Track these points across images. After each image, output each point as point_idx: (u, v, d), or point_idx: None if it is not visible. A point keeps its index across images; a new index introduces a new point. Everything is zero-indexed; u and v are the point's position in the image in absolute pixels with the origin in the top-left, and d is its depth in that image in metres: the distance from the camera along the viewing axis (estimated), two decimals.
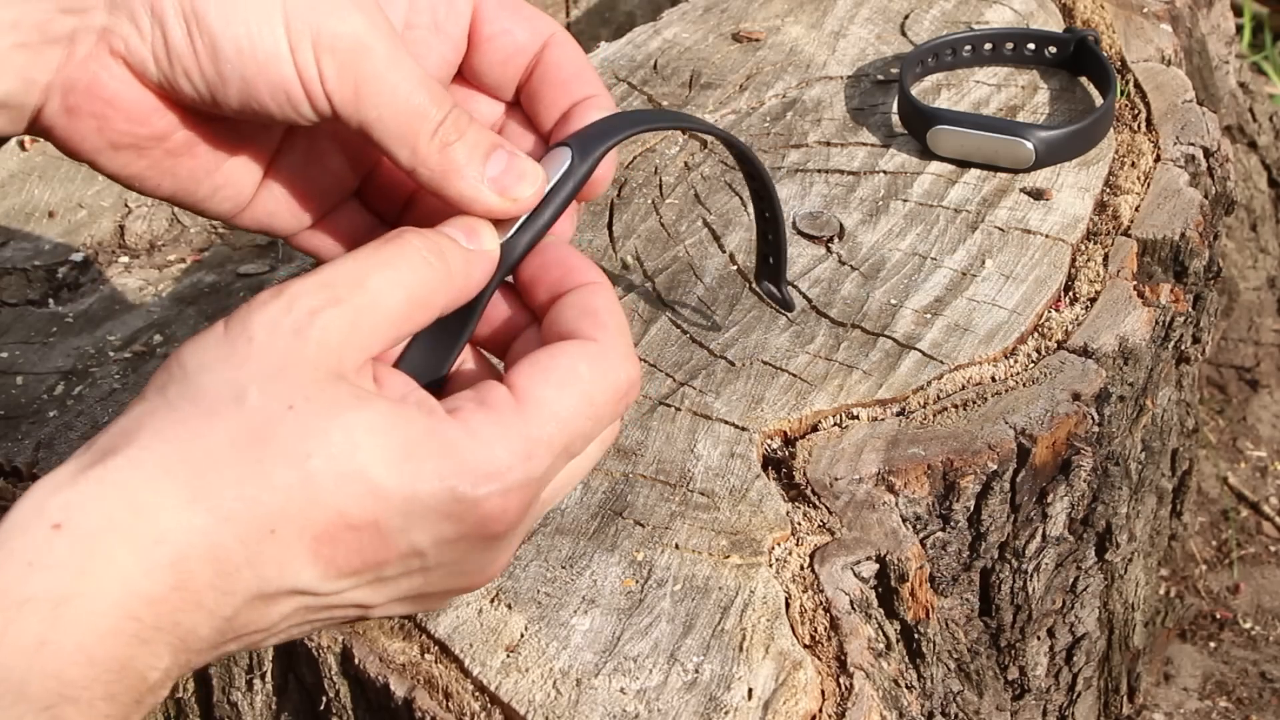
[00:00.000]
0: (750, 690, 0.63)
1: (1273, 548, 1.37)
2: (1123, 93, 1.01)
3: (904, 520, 0.72)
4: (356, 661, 0.66)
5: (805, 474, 0.73)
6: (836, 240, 0.89)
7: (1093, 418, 0.78)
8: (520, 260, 0.62)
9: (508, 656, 0.64)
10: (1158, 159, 0.95)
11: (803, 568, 0.69)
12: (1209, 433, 1.45)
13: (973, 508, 0.75)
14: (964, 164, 0.94)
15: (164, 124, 0.63)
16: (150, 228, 1.05)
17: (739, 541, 0.70)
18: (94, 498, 0.49)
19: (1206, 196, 0.95)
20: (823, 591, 0.68)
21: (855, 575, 0.69)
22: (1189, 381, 1.07)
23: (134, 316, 0.93)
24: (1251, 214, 1.48)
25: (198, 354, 0.53)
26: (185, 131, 0.63)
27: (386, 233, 0.62)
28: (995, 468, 0.74)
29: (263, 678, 0.71)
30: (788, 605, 0.67)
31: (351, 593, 0.53)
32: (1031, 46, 1.03)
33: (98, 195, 1.08)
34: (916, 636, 0.73)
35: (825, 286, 0.85)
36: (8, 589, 0.47)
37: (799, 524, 0.71)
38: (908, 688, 0.71)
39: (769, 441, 0.76)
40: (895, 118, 0.99)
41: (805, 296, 0.85)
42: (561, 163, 0.63)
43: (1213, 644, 1.27)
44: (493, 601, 0.67)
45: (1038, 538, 0.79)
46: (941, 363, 0.79)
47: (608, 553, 0.69)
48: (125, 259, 1.02)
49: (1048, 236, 0.88)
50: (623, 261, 0.88)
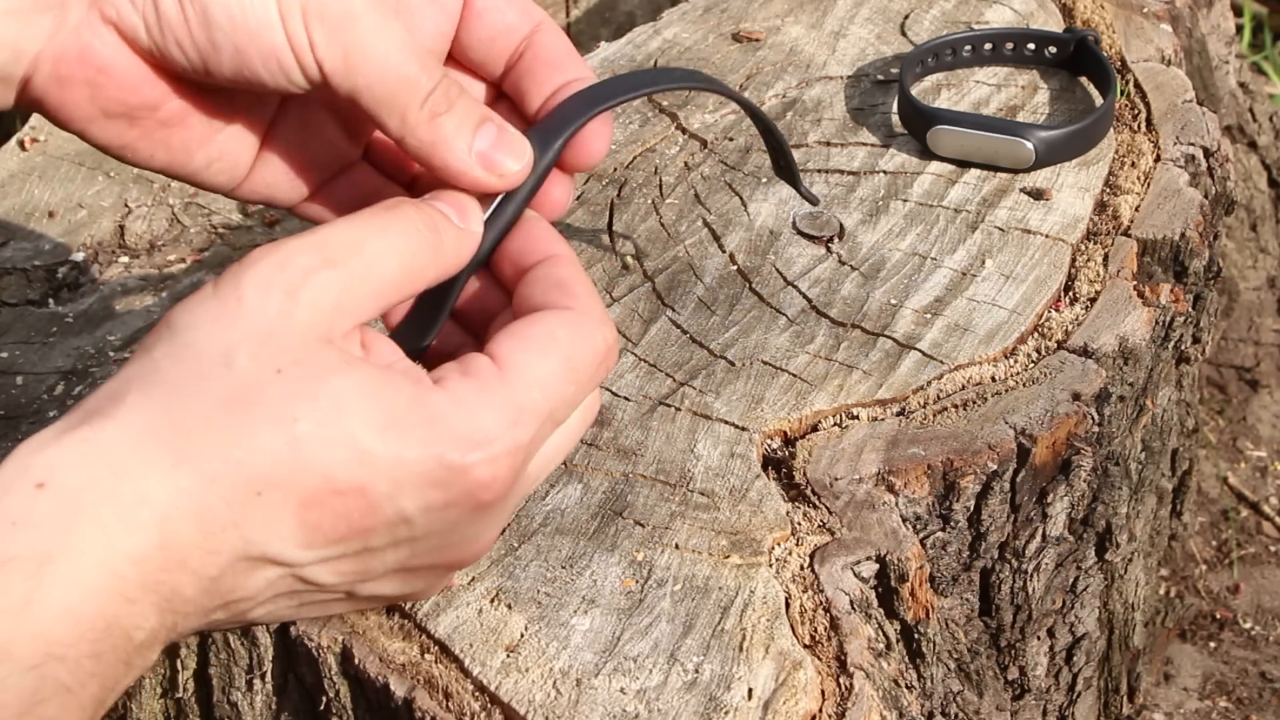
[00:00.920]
0: (750, 690, 0.63)
1: (1273, 548, 1.37)
2: (1123, 93, 1.01)
3: (904, 520, 0.72)
4: (356, 661, 0.66)
5: (805, 474, 0.73)
6: (836, 240, 0.89)
7: (1093, 418, 0.78)
8: (501, 238, 0.62)
9: (508, 656, 0.64)
10: (1158, 159, 0.95)
11: (803, 568, 0.69)
12: (1209, 433, 1.45)
13: (973, 508, 0.75)
14: (964, 164, 0.94)
15: (156, 93, 0.62)
16: (150, 228, 1.05)
17: (739, 541, 0.70)
18: (78, 456, 0.49)
19: (1206, 196, 0.95)
20: (823, 591, 0.68)
21: (855, 575, 0.69)
22: (1189, 381, 1.07)
23: (134, 316, 0.93)
24: (1251, 214, 1.48)
25: (187, 313, 0.53)
26: (178, 101, 0.63)
27: (391, 192, 0.63)
28: (995, 468, 0.74)
29: (263, 678, 0.71)
30: (788, 605, 0.67)
31: (337, 563, 0.53)
32: (1031, 46, 1.03)
33: (98, 195, 1.08)
34: (916, 636, 0.73)
35: (825, 286, 0.85)
36: None
37: (799, 524, 0.71)
38: (908, 688, 0.71)
39: (769, 441, 0.76)
40: (895, 118, 0.99)
41: (805, 296, 0.85)
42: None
43: (1213, 644, 1.27)
44: (493, 601, 0.67)
45: (1038, 538, 0.79)
46: (941, 363, 0.79)
47: (608, 553, 0.69)
48: (125, 259, 1.02)
49: (1048, 236, 0.88)
50: (623, 261, 0.88)
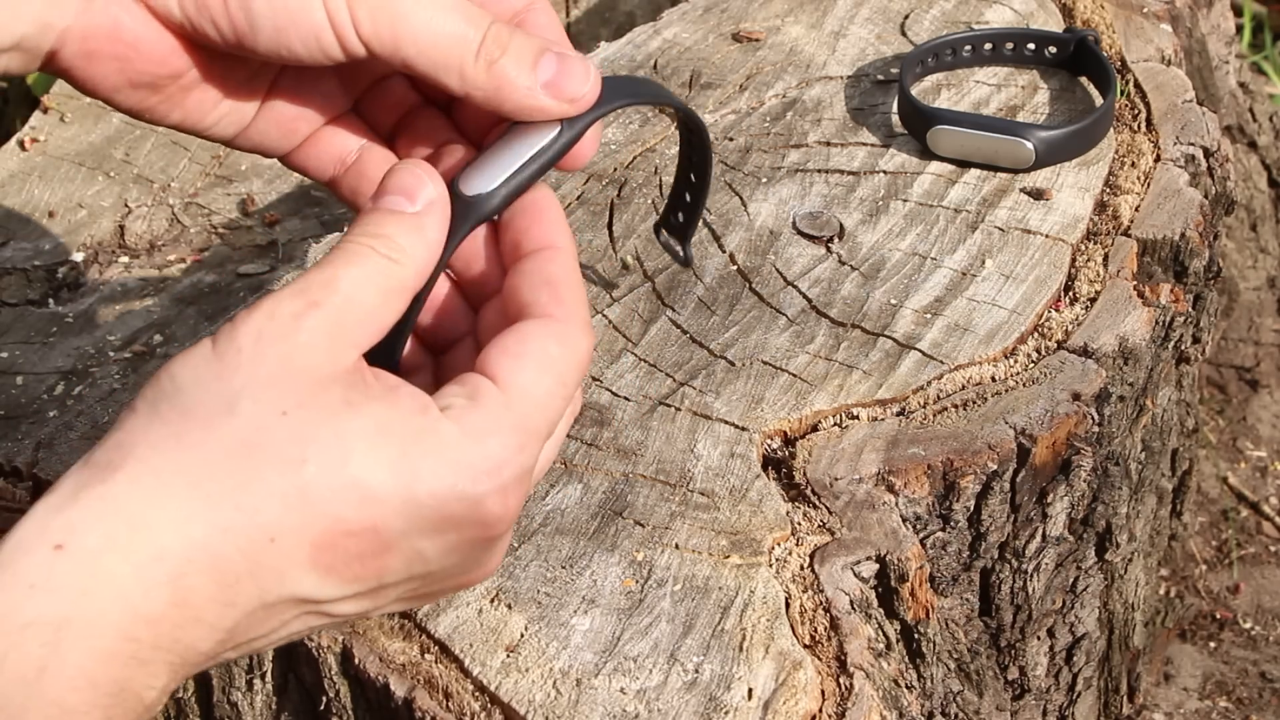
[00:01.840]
0: (750, 690, 0.63)
1: (1273, 548, 1.37)
2: (1123, 93, 1.01)
3: (904, 520, 0.72)
4: (356, 661, 0.66)
5: (805, 474, 0.73)
6: (836, 240, 0.89)
7: (1093, 418, 0.78)
8: (499, 210, 0.61)
9: (508, 656, 0.64)
10: (1158, 159, 0.95)
11: (803, 568, 0.69)
12: (1209, 433, 1.45)
13: (973, 508, 0.75)
14: (964, 164, 0.94)
15: (182, 63, 0.63)
16: (150, 228, 1.05)
17: (739, 541, 0.70)
18: (94, 516, 0.49)
19: (1206, 196, 0.95)
20: (823, 591, 0.68)
21: (855, 575, 0.69)
22: (1189, 381, 1.07)
23: (134, 316, 0.93)
24: (1251, 214, 1.48)
25: (188, 368, 0.53)
26: (200, 68, 0.64)
27: (378, 148, 0.65)
28: (995, 468, 0.74)
29: (263, 678, 0.71)
30: (788, 605, 0.67)
31: (353, 600, 0.53)
32: (1031, 46, 1.03)
33: (98, 195, 1.08)
34: (916, 636, 0.73)
35: (825, 286, 0.85)
36: (9, 612, 0.47)
37: (799, 524, 0.71)
38: (908, 688, 0.71)
39: (769, 441, 0.76)
40: (895, 118, 0.99)
41: (805, 296, 0.85)
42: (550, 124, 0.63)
43: (1213, 644, 1.27)
44: (493, 601, 0.67)
45: (1038, 538, 0.79)
46: (941, 363, 0.79)
47: (608, 553, 0.69)
48: (125, 259, 1.02)
49: (1048, 236, 0.88)
50: (623, 261, 0.88)
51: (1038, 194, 0.91)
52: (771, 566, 0.69)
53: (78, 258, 1.02)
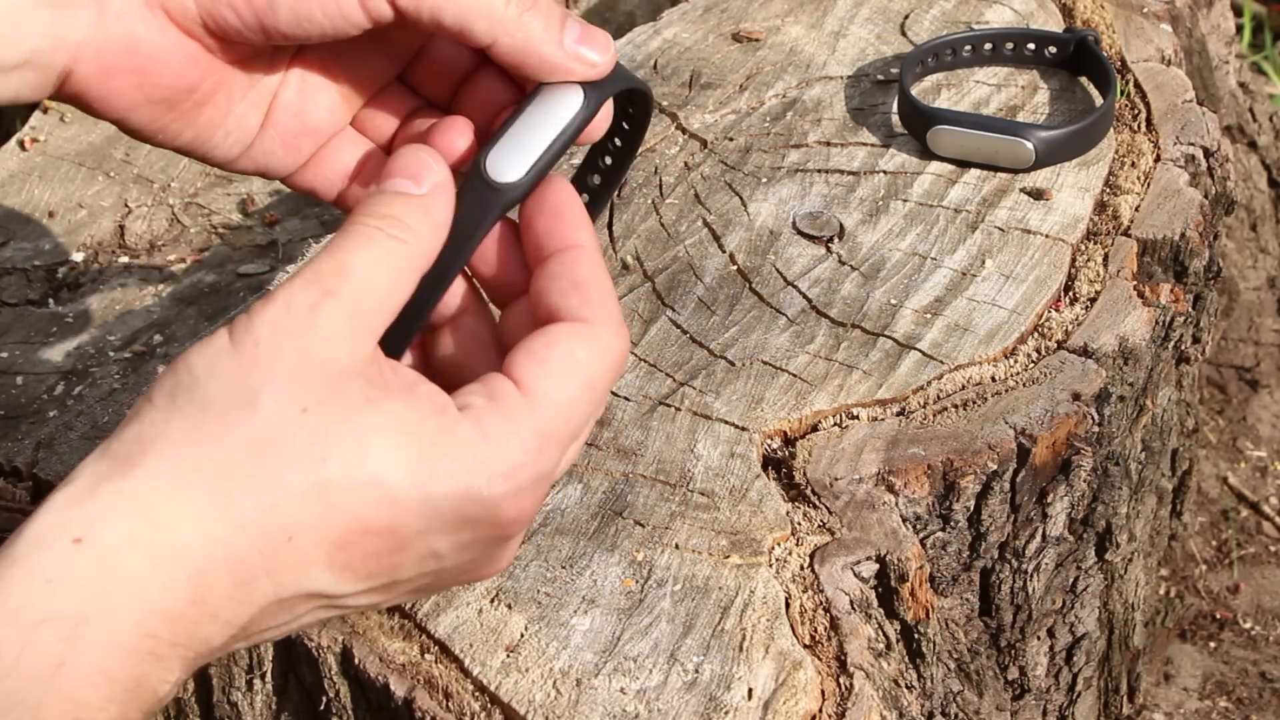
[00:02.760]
0: (750, 690, 0.63)
1: (1273, 548, 1.37)
2: (1123, 93, 1.01)
3: (904, 520, 0.72)
4: (356, 661, 0.66)
5: (805, 474, 0.73)
6: (836, 240, 0.89)
7: (1093, 418, 0.78)
8: (528, 193, 0.61)
9: (508, 656, 0.64)
10: (1158, 159, 0.95)
11: (803, 568, 0.69)
12: (1209, 433, 1.45)
13: (973, 508, 0.75)
14: (964, 164, 0.94)
15: (197, 74, 0.63)
16: (150, 228, 1.05)
17: (739, 541, 0.70)
18: (114, 511, 0.49)
19: (1206, 196, 0.95)
20: (823, 591, 0.68)
21: (855, 575, 0.69)
22: (1189, 381, 1.07)
23: (134, 316, 0.93)
24: (1251, 214, 1.48)
25: (205, 361, 0.53)
26: (213, 79, 0.64)
27: (378, 158, 0.64)
28: (995, 468, 0.74)
29: (263, 678, 0.71)
30: (788, 605, 0.67)
31: (366, 595, 0.54)
32: (1031, 46, 1.03)
33: (98, 195, 1.08)
34: (916, 636, 0.73)
35: (825, 286, 0.85)
36: (27, 607, 0.47)
37: (799, 524, 0.71)
38: (908, 688, 0.71)
39: (769, 441, 0.76)
40: (895, 118, 0.99)
41: (805, 296, 0.85)
42: (572, 101, 0.63)
43: (1213, 644, 1.27)
44: (493, 601, 0.67)
45: (1038, 538, 0.79)
46: (941, 363, 0.79)
47: (608, 553, 0.69)
48: (125, 259, 1.02)
49: (1048, 236, 0.88)
50: (623, 261, 0.88)
51: (1038, 194, 0.91)
52: (771, 566, 0.69)
53: (78, 258, 1.02)
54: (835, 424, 0.76)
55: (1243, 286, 1.49)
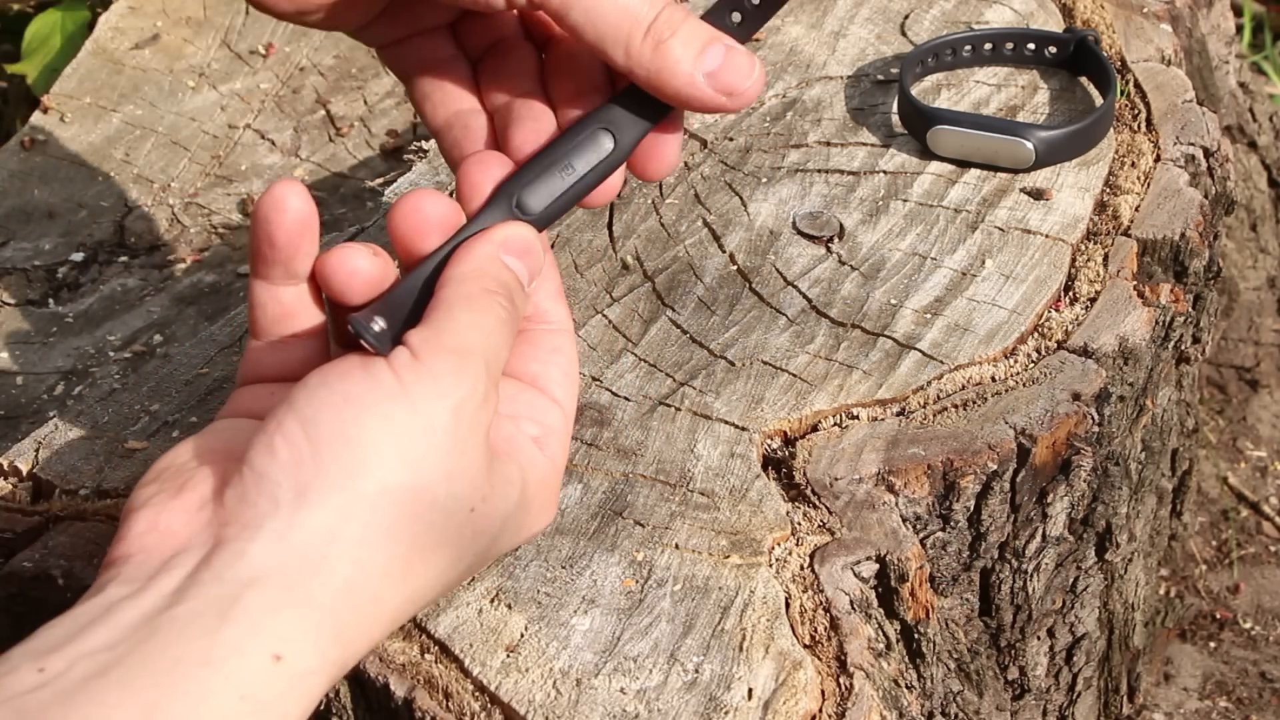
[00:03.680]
0: (750, 690, 0.63)
1: (1273, 548, 1.37)
2: (1123, 93, 1.01)
3: (904, 520, 0.72)
4: (356, 661, 0.66)
5: (805, 474, 0.73)
6: (836, 240, 0.89)
7: (1093, 418, 0.78)
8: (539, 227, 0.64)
9: (508, 656, 0.64)
10: (1158, 159, 0.95)
11: (803, 568, 0.69)
12: (1209, 433, 1.45)
13: (973, 508, 0.75)
14: (964, 164, 0.94)
15: None
16: (150, 228, 1.05)
17: (739, 541, 0.70)
18: (310, 631, 0.49)
19: (1206, 196, 0.95)
20: (823, 591, 0.68)
21: (855, 575, 0.69)
22: (1189, 381, 1.07)
23: (134, 316, 0.93)
24: (1251, 214, 1.48)
25: (407, 465, 0.54)
26: None
27: (461, 71, 0.67)
28: (995, 468, 0.74)
29: None
30: (788, 605, 0.67)
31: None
32: (1031, 46, 1.03)
33: (98, 195, 1.08)
34: (916, 636, 0.73)
35: (825, 286, 0.85)
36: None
37: (799, 524, 0.71)
38: (908, 688, 0.71)
39: (769, 441, 0.76)
40: (895, 118, 0.99)
41: (805, 296, 0.85)
42: (604, 145, 0.64)
43: (1213, 644, 1.27)
44: (493, 601, 0.67)
45: (1038, 538, 0.79)
46: (941, 363, 0.79)
47: (608, 553, 0.69)
48: (125, 259, 1.02)
49: (1048, 236, 0.88)
50: (623, 261, 0.88)
51: (1038, 194, 0.91)
52: (771, 566, 0.69)
53: (78, 258, 1.02)
54: (835, 424, 0.76)
55: (1243, 286, 1.49)
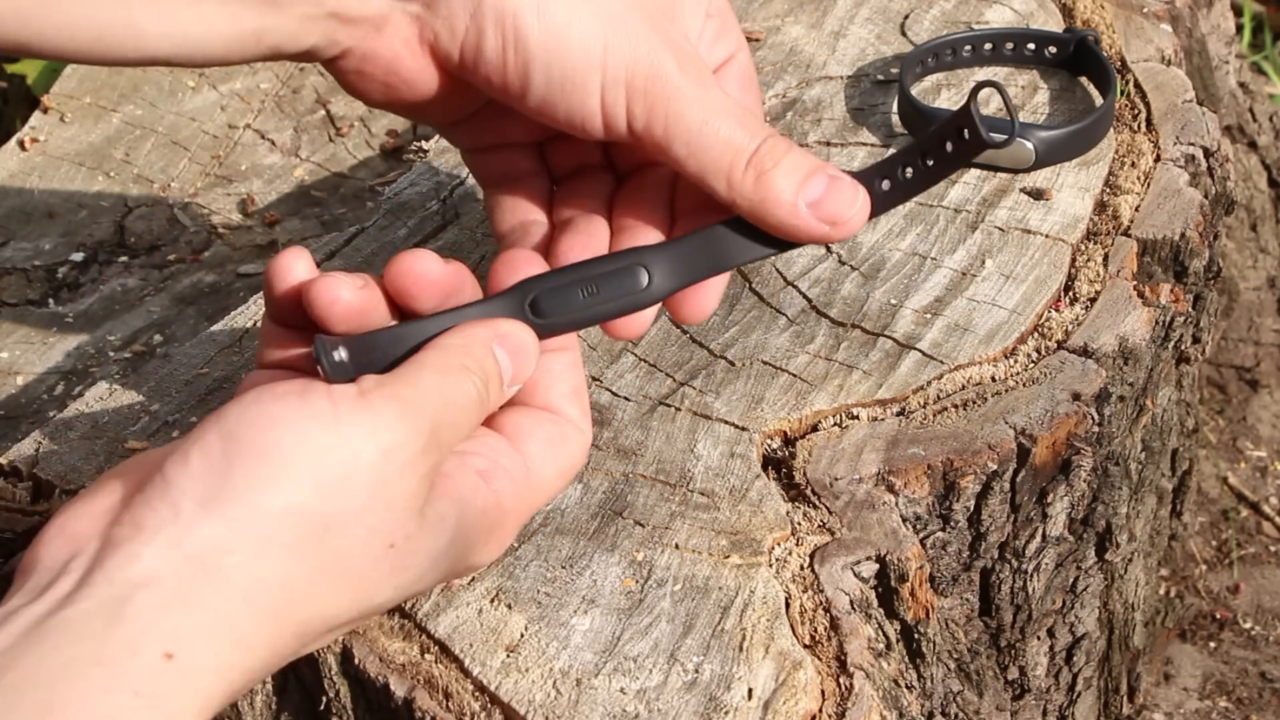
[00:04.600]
0: (750, 690, 0.63)
1: (1273, 548, 1.37)
2: (1123, 93, 1.01)
3: (904, 520, 0.72)
4: (356, 661, 0.66)
5: (805, 474, 0.73)
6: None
7: (1093, 418, 0.78)
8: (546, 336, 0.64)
9: (508, 656, 0.64)
10: (1158, 159, 0.95)
11: (803, 568, 0.69)
12: (1209, 433, 1.45)
13: (973, 508, 0.75)
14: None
15: (440, 97, 0.66)
16: (150, 228, 1.05)
17: (739, 541, 0.70)
18: (205, 630, 0.49)
19: (1206, 196, 0.95)
20: (823, 591, 0.68)
21: (855, 575, 0.69)
22: (1189, 381, 1.07)
23: (134, 316, 0.93)
24: (1251, 214, 1.48)
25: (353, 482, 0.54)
26: (454, 95, 0.67)
27: (537, 188, 0.70)
28: (995, 468, 0.74)
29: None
30: (788, 605, 0.67)
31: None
32: (1031, 46, 1.03)
33: (98, 195, 1.08)
34: (916, 636, 0.73)
35: (825, 286, 0.85)
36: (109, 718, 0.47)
37: (799, 524, 0.71)
38: (908, 688, 0.71)
39: (769, 441, 0.76)
40: (895, 118, 0.99)
41: (805, 296, 0.85)
42: (640, 280, 0.65)
43: (1213, 644, 1.27)
44: (493, 601, 0.67)
45: (1038, 538, 0.79)
46: (941, 363, 0.79)
47: (608, 553, 0.69)
48: (125, 259, 1.02)
49: (1048, 236, 0.88)
50: None
51: (1038, 194, 0.91)
52: (771, 566, 0.69)
53: (78, 258, 1.02)
54: (835, 424, 0.76)
55: (1243, 286, 1.49)
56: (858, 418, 0.77)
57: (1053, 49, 1.03)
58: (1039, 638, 0.85)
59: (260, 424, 0.52)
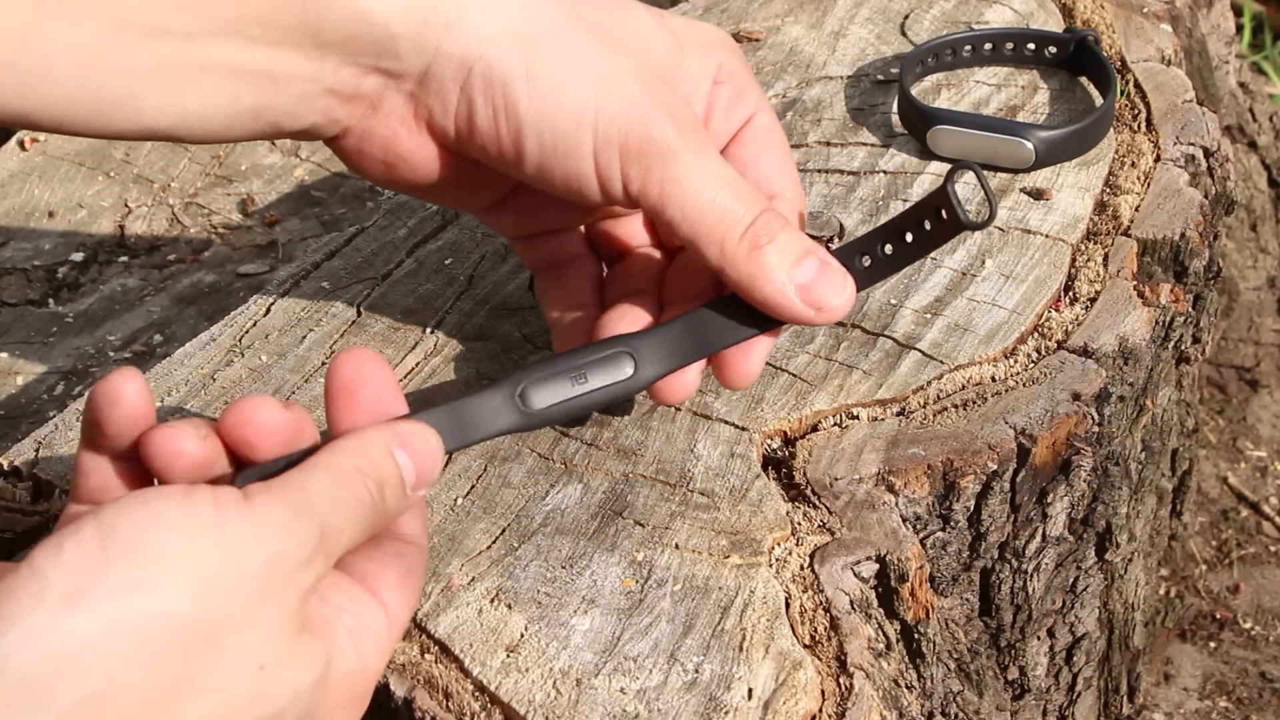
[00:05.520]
0: (750, 690, 0.63)
1: (1273, 548, 1.37)
2: (1123, 93, 1.01)
3: (904, 520, 0.72)
4: None
5: (805, 474, 0.73)
6: (837, 240, 0.89)
7: (1093, 418, 0.78)
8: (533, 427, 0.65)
9: (508, 656, 0.64)
10: (1158, 159, 0.95)
11: (803, 568, 0.69)
12: (1209, 433, 1.46)
13: (973, 508, 0.75)
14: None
15: (444, 175, 0.67)
16: (150, 228, 1.05)
17: (739, 541, 0.70)
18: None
19: (1206, 196, 0.95)
20: (823, 591, 0.68)
21: (855, 575, 0.69)
22: (1189, 381, 1.07)
23: (134, 316, 0.93)
24: (1251, 214, 1.48)
25: (197, 583, 0.49)
26: (455, 176, 0.68)
27: (584, 271, 0.71)
28: (995, 468, 0.74)
29: None
30: (788, 605, 0.67)
31: None
32: (1031, 46, 1.03)
33: (98, 195, 1.08)
34: (916, 636, 0.73)
35: None
36: None
37: (799, 524, 0.71)
38: (908, 688, 0.71)
39: (769, 441, 0.76)
40: (895, 118, 0.99)
41: None
42: (624, 369, 0.67)
43: (1213, 644, 1.27)
44: (493, 601, 0.67)
45: (1038, 538, 0.79)
46: (941, 363, 0.79)
47: (608, 553, 0.69)
48: (125, 259, 1.02)
49: (1048, 236, 0.88)
50: None
51: (1038, 194, 0.91)
52: (771, 566, 0.69)
53: (78, 258, 1.02)
54: (835, 424, 0.76)
55: (1243, 286, 1.49)
56: (858, 418, 0.77)
57: (1053, 49, 1.03)
58: (1039, 638, 0.85)
59: (141, 520, 0.48)
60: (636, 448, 0.75)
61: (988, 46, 1.04)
